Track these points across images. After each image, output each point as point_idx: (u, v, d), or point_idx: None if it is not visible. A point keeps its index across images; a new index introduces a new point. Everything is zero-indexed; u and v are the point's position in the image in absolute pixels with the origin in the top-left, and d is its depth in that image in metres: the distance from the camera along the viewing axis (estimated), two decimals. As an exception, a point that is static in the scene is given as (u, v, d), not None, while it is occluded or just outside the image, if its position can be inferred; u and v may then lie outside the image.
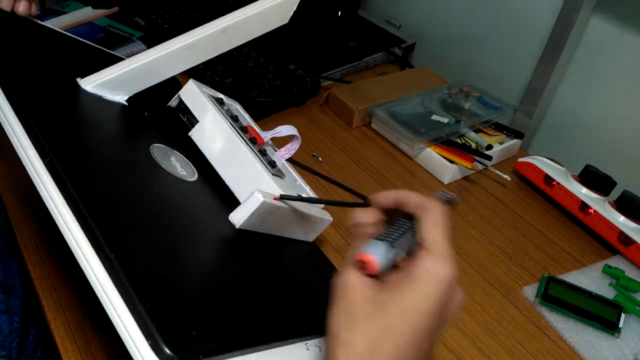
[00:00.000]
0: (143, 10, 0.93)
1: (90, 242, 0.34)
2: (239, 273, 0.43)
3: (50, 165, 0.38)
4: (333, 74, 0.90)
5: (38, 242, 0.57)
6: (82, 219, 0.35)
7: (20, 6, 0.58)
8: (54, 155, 0.38)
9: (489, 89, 0.86)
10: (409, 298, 0.30)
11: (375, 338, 0.29)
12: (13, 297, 0.73)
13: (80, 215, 0.35)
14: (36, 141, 0.40)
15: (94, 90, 0.52)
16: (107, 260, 0.33)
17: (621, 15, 0.73)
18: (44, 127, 0.41)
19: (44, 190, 0.37)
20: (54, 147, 0.39)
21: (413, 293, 0.30)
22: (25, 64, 0.49)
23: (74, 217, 0.35)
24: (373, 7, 1.12)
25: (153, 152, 0.48)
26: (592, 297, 0.57)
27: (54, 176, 0.38)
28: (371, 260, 0.32)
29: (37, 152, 0.39)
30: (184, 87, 0.54)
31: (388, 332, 0.29)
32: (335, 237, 0.61)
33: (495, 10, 0.89)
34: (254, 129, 0.55)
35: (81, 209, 0.35)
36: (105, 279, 0.33)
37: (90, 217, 0.35)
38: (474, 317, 0.56)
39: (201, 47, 0.54)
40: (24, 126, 0.41)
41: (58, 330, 0.50)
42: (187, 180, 0.49)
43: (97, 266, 0.33)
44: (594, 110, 0.80)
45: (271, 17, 0.54)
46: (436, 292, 0.31)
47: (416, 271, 0.31)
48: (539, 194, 0.73)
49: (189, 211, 0.46)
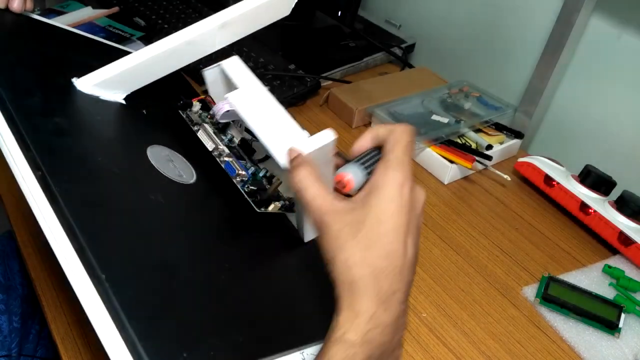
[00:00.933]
0: (143, 10, 0.93)
1: (81, 260, 0.33)
2: (234, 288, 0.42)
3: (42, 179, 0.37)
4: (333, 74, 0.90)
5: (38, 242, 0.57)
6: (73, 237, 0.34)
7: (15, 2, 0.56)
8: (46, 169, 0.37)
9: (489, 89, 0.86)
10: (375, 204, 0.35)
11: (364, 248, 0.34)
12: (13, 297, 0.73)
13: (72, 233, 0.34)
14: (28, 153, 0.38)
15: (90, 91, 0.50)
16: (97, 280, 0.32)
17: (621, 15, 0.73)
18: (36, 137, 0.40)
19: (35, 204, 0.36)
20: (46, 159, 0.38)
21: (378, 199, 0.35)
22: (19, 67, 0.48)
23: (65, 235, 0.35)
24: (373, 7, 1.12)
25: (150, 155, 0.48)
26: (592, 297, 0.57)
27: (46, 191, 0.37)
28: (350, 180, 0.37)
29: (28, 164, 0.38)
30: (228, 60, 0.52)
31: (373, 238, 0.35)
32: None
33: (495, 10, 0.89)
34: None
35: (72, 226, 0.35)
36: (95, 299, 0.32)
37: (81, 235, 0.34)
38: (474, 317, 0.56)
39: (200, 43, 0.53)
40: (16, 137, 0.40)
41: (58, 330, 0.50)
42: (185, 183, 0.48)
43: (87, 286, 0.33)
44: (594, 110, 0.80)
45: (272, 10, 0.53)
46: (396, 192, 0.35)
47: (375, 181, 0.36)
48: (539, 194, 0.73)
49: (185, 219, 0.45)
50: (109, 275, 0.33)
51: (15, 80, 0.46)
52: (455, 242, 0.64)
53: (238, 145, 0.58)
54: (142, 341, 0.31)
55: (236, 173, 0.52)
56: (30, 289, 0.74)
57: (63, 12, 0.89)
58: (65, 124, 0.44)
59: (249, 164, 0.57)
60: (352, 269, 0.34)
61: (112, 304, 0.32)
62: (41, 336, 0.75)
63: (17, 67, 0.48)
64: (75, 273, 0.33)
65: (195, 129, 0.56)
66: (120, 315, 0.31)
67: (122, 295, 0.32)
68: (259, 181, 0.54)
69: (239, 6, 0.52)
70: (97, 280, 0.32)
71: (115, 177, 0.43)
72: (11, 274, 0.75)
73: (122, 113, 0.52)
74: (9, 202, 0.61)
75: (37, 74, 0.49)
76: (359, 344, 0.33)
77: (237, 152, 0.56)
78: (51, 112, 0.44)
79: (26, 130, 0.40)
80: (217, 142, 0.55)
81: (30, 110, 0.43)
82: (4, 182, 0.64)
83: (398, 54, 0.97)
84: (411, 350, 0.52)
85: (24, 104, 0.43)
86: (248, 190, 0.52)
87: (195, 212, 0.47)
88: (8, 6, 0.57)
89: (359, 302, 0.34)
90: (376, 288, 0.34)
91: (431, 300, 0.57)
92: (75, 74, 0.51)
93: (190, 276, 0.39)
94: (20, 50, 0.52)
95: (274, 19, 0.53)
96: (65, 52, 0.57)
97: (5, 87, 0.43)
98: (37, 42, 0.56)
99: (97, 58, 0.55)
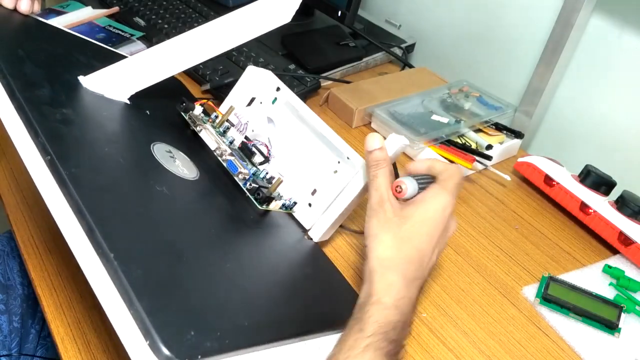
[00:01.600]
0: (143, 10, 0.93)
1: (90, 241, 0.34)
2: (239, 273, 0.43)
3: (51, 163, 0.38)
4: (333, 74, 0.90)
5: (38, 242, 0.57)
6: (82, 218, 0.35)
7: (22, 4, 0.58)
8: (55, 154, 0.38)
9: (489, 89, 0.86)
10: (423, 211, 0.45)
11: (404, 238, 0.44)
12: (13, 297, 0.73)
13: (81, 214, 0.35)
14: (37, 139, 0.40)
15: (95, 89, 0.51)
16: (106, 259, 0.33)
17: (621, 15, 0.73)
18: (45, 125, 0.41)
19: (44, 188, 0.37)
20: (55, 145, 0.39)
21: (426, 209, 0.45)
22: (27, 62, 0.49)
23: (74, 215, 0.35)
24: (373, 7, 1.12)
25: (154, 151, 0.48)
26: (592, 297, 0.57)
27: (55, 174, 0.37)
28: (406, 188, 0.46)
29: (38, 150, 0.39)
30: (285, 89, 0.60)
31: (412, 233, 0.44)
32: (336, 239, 0.61)
33: (495, 10, 0.89)
34: None
35: (81, 208, 0.35)
36: (104, 278, 0.33)
37: (90, 216, 0.35)
38: (474, 317, 0.56)
39: (202, 46, 0.54)
40: (26, 124, 0.41)
41: (58, 330, 0.50)
42: (189, 178, 0.49)
43: (96, 265, 0.33)
44: (594, 110, 0.80)
45: (272, 16, 0.54)
46: (440, 210, 0.45)
47: (427, 196, 0.46)
48: (539, 194, 0.73)
49: (189, 209, 0.46)
50: (117, 254, 0.33)
51: (24, 73, 0.47)
52: (455, 242, 0.64)
53: (239, 147, 0.58)
54: (150, 316, 0.31)
55: (238, 171, 0.53)
56: (30, 289, 0.74)
57: (63, 12, 0.89)
58: (72, 115, 0.46)
59: (249, 165, 0.57)
60: (390, 250, 0.43)
61: (121, 282, 0.32)
62: (41, 336, 0.75)
63: (26, 62, 0.49)
64: (84, 253, 0.34)
65: (198, 129, 0.57)
66: (129, 292, 0.32)
67: (131, 273, 0.33)
68: (260, 180, 0.55)
69: (241, 11, 0.53)
70: (105, 259, 0.33)
71: (122, 167, 0.44)
72: (11, 274, 0.75)
73: (126, 111, 0.53)
74: (9, 202, 0.61)
75: (45, 70, 0.50)
76: (392, 307, 0.41)
77: (237, 154, 0.57)
78: (59, 104, 0.46)
79: (35, 118, 0.41)
80: (220, 142, 0.55)
81: (39, 100, 0.44)
82: (4, 182, 0.64)
83: (398, 54, 0.97)
84: (411, 350, 0.52)
85: (32, 94, 0.44)
86: (250, 188, 0.53)
87: (199, 205, 0.48)
88: (16, 7, 0.58)
89: (391, 276, 0.43)
90: (404, 270, 0.43)
91: (431, 300, 0.57)
92: (81, 72, 0.52)
93: (196, 261, 0.40)
94: (28, 47, 0.53)
95: (274, 26, 0.54)
96: (70, 52, 0.58)
97: (15, 78, 0.44)
98: (44, 42, 0.58)
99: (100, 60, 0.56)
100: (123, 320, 0.31)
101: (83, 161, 0.41)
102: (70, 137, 0.43)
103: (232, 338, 0.35)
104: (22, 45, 0.53)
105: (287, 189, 0.58)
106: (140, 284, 0.33)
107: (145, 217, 0.40)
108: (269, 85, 0.61)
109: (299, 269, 0.52)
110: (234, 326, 0.37)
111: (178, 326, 0.32)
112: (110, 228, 0.35)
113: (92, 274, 0.33)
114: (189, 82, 0.80)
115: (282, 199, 0.56)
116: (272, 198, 0.54)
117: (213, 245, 0.44)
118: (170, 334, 0.31)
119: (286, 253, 0.52)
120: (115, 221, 0.37)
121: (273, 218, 0.54)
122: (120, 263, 0.33)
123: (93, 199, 0.37)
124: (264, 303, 0.42)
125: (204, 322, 0.34)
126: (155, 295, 0.33)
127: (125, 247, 0.35)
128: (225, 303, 0.38)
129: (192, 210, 0.46)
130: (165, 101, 0.57)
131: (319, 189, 0.57)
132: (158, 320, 0.31)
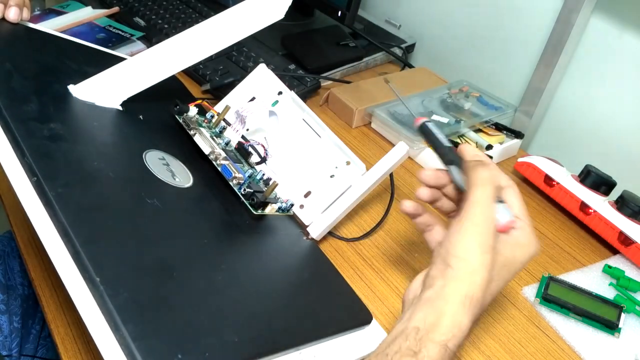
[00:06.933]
0: (143, 10, 0.93)
1: (76, 264, 0.34)
2: (232, 284, 0.42)
3: (37, 184, 0.37)
4: (333, 74, 0.90)
5: (38, 242, 0.57)
6: (68, 241, 0.34)
7: (11, 12, 0.56)
8: (41, 174, 0.38)
9: (489, 89, 0.86)
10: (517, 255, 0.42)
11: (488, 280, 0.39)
12: (13, 297, 0.73)
13: (67, 237, 0.35)
14: (23, 159, 0.39)
15: (86, 98, 0.50)
16: (92, 283, 0.33)
17: (621, 15, 0.73)
18: (32, 143, 0.40)
19: (30, 209, 0.37)
20: (41, 165, 0.38)
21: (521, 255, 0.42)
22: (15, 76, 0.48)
23: (60, 238, 0.35)
24: (373, 7, 1.12)
25: (146, 160, 0.48)
26: (592, 297, 0.57)
27: (41, 196, 0.37)
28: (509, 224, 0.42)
29: (24, 170, 0.38)
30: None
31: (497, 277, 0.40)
32: (335, 238, 0.61)
33: (495, 10, 0.89)
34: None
35: (67, 230, 0.35)
36: (90, 301, 0.32)
37: (76, 238, 0.34)
38: (474, 317, 0.56)
39: (196, 46, 0.53)
40: (12, 144, 0.40)
41: (58, 330, 0.50)
42: (182, 187, 0.48)
43: (82, 289, 0.33)
44: (594, 110, 0.80)
45: (265, 13, 0.54)
46: (527, 259, 0.43)
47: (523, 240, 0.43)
48: (539, 194, 0.73)
49: (182, 221, 0.45)
50: (103, 279, 0.33)
51: (11, 87, 0.46)
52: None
53: (235, 148, 0.58)
54: (136, 342, 0.31)
55: (233, 176, 0.53)
56: (31, 289, 0.74)
57: (63, 12, 0.89)
58: (61, 130, 0.44)
59: (245, 167, 0.57)
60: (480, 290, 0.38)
61: (106, 307, 0.32)
62: (42, 336, 0.75)
63: (14, 75, 0.48)
64: (70, 277, 0.33)
65: (192, 133, 0.56)
66: (115, 317, 0.31)
67: (117, 297, 0.32)
68: (256, 184, 0.54)
69: (233, 9, 0.53)
70: (92, 284, 0.33)
71: (111, 182, 0.43)
72: (11, 274, 0.75)
73: (118, 119, 0.52)
74: (9, 202, 0.61)
75: (33, 82, 0.49)
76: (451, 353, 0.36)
77: (233, 155, 0.57)
78: (47, 119, 0.44)
79: (22, 137, 0.40)
80: (214, 146, 0.55)
81: (26, 117, 0.43)
82: (4, 182, 0.64)
83: (398, 54, 0.97)
84: (411, 350, 0.52)
85: (19, 111, 0.43)
86: (244, 193, 0.52)
87: (192, 215, 0.47)
88: (4, 16, 0.57)
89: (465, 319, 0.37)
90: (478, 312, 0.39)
91: (431, 300, 0.57)
92: (71, 81, 0.51)
93: (185, 277, 0.39)
94: (16, 58, 0.52)
95: (268, 23, 0.54)
96: (61, 59, 0.57)
97: (1, 95, 0.43)
98: (33, 50, 0.57)
99: (93, 65, 0.55)
100: (109, 345, 0.31)
101: (70, 180, 0.40)
102: (58, 154, 0.41)
103: (220, 357, 0.35)
104: (10, 57, 0.51)
105: (282, 189, 0.58)
106: (127, 308, 0.32)
107: (133, 235, 0.39)
108: (272, 87, 0.61)
109: (295, 274, 0.51)
110: (222, 344, 0.36)
111: (164, 351, 0.32)
112: (97, 250, 0.35)
113: (78, 297, 0.33)
114: (189, 82, 0.80)
115: (279, 201, 0.56)
116: (267, 202, 0.53)
117: (205, 257, 0.43)
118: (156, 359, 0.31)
119: (282, 257, 0.52)
120: (102, 243, 0.36)
121: (269, 221, 0.54)
122: (106, 287, 0.32)
123: (80, 220, 0.36)
124: (258, 314, 0.41)
125: (192, 344, 0.34)
126: (142, 320, 0.33)
127: (111, 270, 0.34)
128: (215, 320, 0.38)
129: (185, 221, 0.45)
130: (160, 104, 0.55)
131: (313, 191, 0.57)
132: (143, 345, 0.31)
